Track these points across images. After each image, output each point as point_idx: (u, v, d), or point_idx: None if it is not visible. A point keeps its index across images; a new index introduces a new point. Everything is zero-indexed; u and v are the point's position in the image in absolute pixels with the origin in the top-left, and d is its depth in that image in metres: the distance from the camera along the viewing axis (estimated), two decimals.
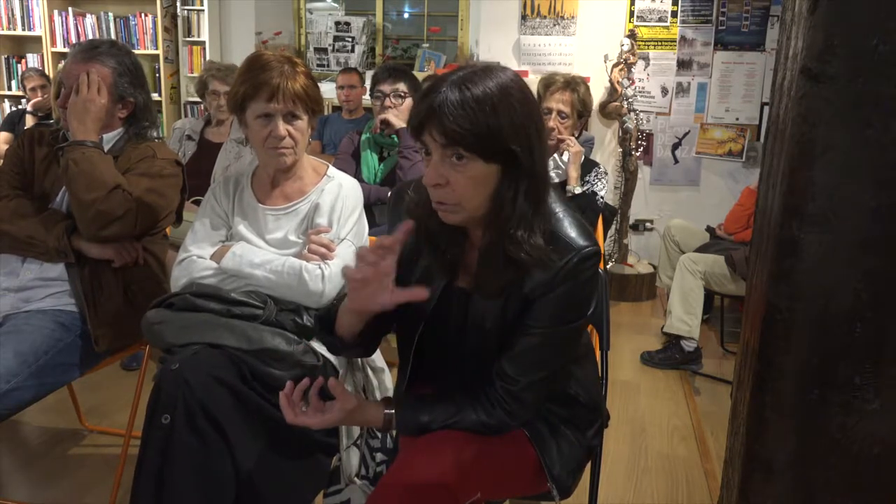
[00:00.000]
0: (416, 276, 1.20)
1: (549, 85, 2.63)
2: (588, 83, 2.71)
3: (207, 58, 4.84)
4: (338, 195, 1.62)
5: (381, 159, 2.67)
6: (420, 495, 1.07)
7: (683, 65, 4.36)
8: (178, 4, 4.91)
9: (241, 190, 1.67)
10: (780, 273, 0.93)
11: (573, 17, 4.41)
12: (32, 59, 5.15)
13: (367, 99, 3.60)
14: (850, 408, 0.92)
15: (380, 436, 1.43)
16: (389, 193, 1.32)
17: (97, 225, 1.67)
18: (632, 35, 4.14)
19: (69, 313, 1.73)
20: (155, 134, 1.92)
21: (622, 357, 3.18)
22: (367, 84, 3.13)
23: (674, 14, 4.30)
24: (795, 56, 0.91)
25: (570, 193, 2.55)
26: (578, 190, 2.56)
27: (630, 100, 4.08)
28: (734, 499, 1.05)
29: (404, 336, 1.30)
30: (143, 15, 4.90)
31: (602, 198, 2.62)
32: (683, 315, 2.99)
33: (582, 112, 2.66)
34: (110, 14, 4.95)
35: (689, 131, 4.42)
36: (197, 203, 2.02)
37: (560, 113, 2.59)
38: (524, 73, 4.18)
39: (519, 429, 1.23)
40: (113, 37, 4.90)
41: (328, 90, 4.12)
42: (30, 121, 4.31)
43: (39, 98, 4.31)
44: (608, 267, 4.07)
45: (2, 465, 2.19)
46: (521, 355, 1.15)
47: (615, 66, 4.12)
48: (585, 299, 1.15)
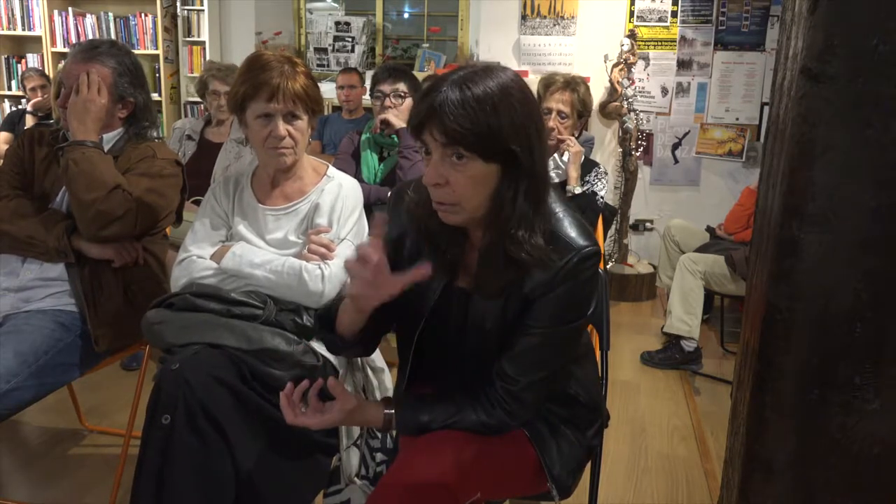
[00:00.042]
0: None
1: (549, 85, 2.63)
2: (588, 83, 2.71)
3: (207, 58, 4.84)
4: (338, 195, 1.62)
5: (381, 159, 2.67)
6: (420, 495, 1.07)
7: (683, 65, 4.36)
8: (178, 4, 4.91)
9: (241, 190, 1.67)
10: (780, 273, 0.93)
11: (573, 17, 4.41)
12: (32, 59, 5.15)
13: (367, 99, 3.60)
14: (850, 408, 0.92)
15: (380, 436, 1.43)
16: (389, 193, 1.32)
17: (97, 225, 1.67)
18: (632, 35, 4.14)
19: (69, 313, 1.73)
20: (155, 134, 1.92)
21: (622, 357, 3.18)
22: (367, 84, 3.12)
23: (674, 14, 4.30)
24: (795, 56, 0.91)
25: (570, 193, 2.55)
26: (578, 190, 2.56)
27: (630, 100, 4.08)
28: (734, 499, 1.05)
29: (404, 336, 1.30)
30: (143, 15, 4.90)
31: (602, 198, 2.62)
32: (683, 315, 2.99)
33: (582, 112, 2.65)
34: (110, 14, 4.95)
35: (689, 131, 4.42)
36: (197, 203, 2.02)
37: (560, 113, 2.59)
38: (524, 73, 4.18)
39: (519, 429, 1.23)
40: (113, 37, 4.90)
41: (328, 90, 4.12)
42: (30, 121, 4.30)
43: (39, 98, 4.31)
44: (608, 267, 4.07)
45: (2, 465, 2.19)
46: (521, 355, 1.15)
47: (615, 66, 4.12)
48: (585, 299, 1.15)
